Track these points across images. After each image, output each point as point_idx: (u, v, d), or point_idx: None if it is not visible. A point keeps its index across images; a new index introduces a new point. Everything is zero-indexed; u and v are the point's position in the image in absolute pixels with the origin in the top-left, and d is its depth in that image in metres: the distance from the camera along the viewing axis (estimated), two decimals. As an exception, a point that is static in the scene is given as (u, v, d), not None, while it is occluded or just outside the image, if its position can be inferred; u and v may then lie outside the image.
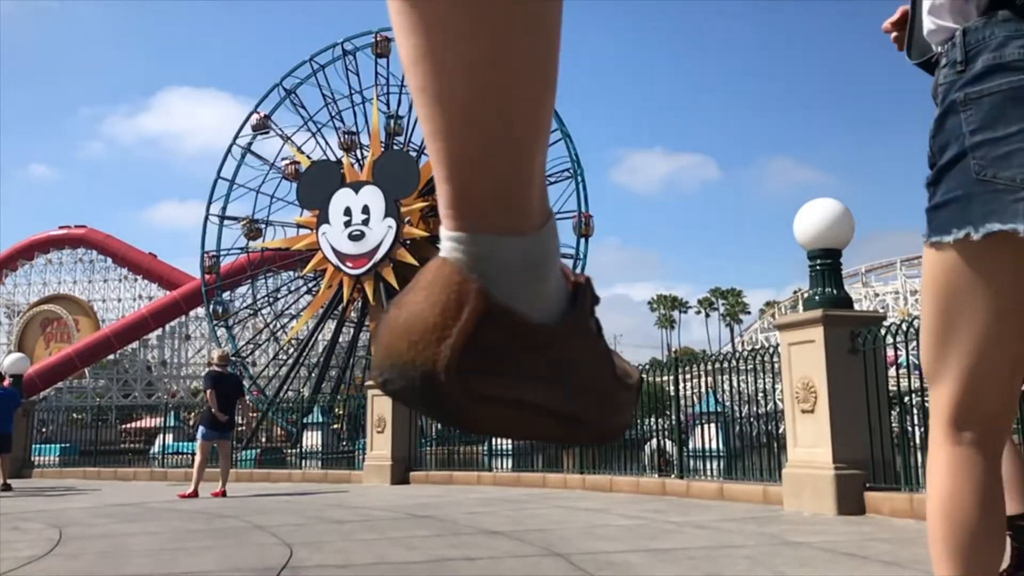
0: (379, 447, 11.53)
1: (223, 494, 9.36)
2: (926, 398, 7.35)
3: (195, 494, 9.31)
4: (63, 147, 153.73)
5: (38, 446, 16.77)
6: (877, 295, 53.16)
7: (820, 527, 5.20)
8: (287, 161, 28.77)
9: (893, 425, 6.22)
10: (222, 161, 29.28)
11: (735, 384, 8.29)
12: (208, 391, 9.93)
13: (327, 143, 29.25)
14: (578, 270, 1.13)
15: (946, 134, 1.35)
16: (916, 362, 6.28)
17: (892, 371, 6.52)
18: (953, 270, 1.32)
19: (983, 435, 1.32)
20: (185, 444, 17.81)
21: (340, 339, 29.79)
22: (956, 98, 1.34)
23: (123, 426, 31.51)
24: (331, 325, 29.39)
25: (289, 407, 22.43)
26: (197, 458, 9.94)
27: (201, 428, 10.05)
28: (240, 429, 15.85)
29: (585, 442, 0.65)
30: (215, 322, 29.50)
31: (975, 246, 1.27)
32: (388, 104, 28.64)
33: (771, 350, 7.51)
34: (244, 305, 31.65)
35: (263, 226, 28.75)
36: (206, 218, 29.00)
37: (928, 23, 1.45)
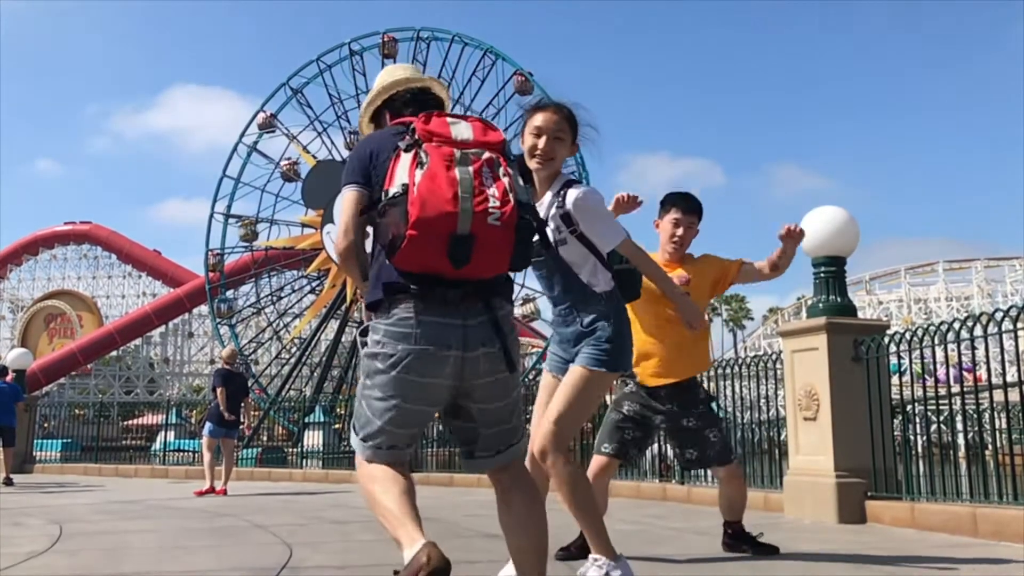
0: (380, 448, 11.51)
1: (224, 492, 9.39)
2: (929, 407, 7.34)
3: (212, 490, 9.45)
4: (69, 143, 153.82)
5: (40, 441, 16.79)
6: (881, 303, 53.08)
7: (821, 535, 5.19)
8: (287, 161, 28.83)
9: (895, 434, 6.20)
10: (228, 159, 29.39)
11: (737, 390, 8.26)
12: (217, 389, 9.98)
13: (333, 143, 29.34)
14: None
15: (590, 335, 3.10)
16: (919, 370, 6.25)
17: (895, 379, 6.50)
18: (595, 382, 3.10)
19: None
20: (186, 441, 17.86)
21: (343, 339, 29.81)
22: (598, 327, 3.10)
23: (125, 422, 31.60)
24: (334, 325, 29.42)
25: (291, 406, 22.45)
26: (205, 456, 9.98)
27: (208, 424, 10.11)
28: (244, 427, 15.86)
29: None
30: (218, 320, 29.55)
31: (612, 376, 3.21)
32: (394, 105, 28.67)
33: (774, 357, 7.50)
34: (247, 303, 31.70)
35: (259, 228, 29.01)
36: (211, 216, 29.09)
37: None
